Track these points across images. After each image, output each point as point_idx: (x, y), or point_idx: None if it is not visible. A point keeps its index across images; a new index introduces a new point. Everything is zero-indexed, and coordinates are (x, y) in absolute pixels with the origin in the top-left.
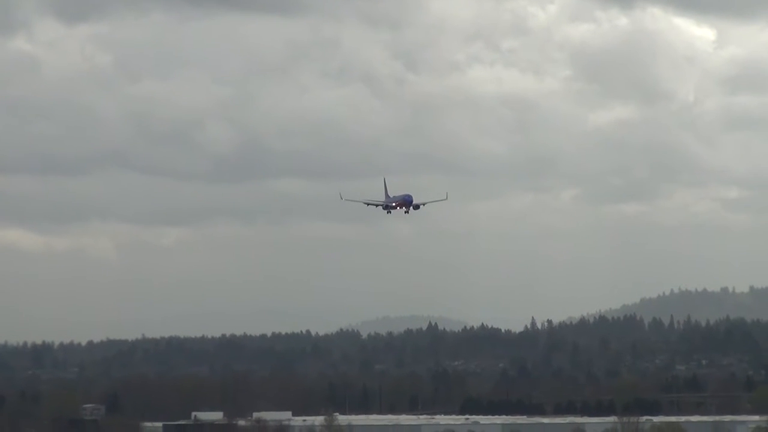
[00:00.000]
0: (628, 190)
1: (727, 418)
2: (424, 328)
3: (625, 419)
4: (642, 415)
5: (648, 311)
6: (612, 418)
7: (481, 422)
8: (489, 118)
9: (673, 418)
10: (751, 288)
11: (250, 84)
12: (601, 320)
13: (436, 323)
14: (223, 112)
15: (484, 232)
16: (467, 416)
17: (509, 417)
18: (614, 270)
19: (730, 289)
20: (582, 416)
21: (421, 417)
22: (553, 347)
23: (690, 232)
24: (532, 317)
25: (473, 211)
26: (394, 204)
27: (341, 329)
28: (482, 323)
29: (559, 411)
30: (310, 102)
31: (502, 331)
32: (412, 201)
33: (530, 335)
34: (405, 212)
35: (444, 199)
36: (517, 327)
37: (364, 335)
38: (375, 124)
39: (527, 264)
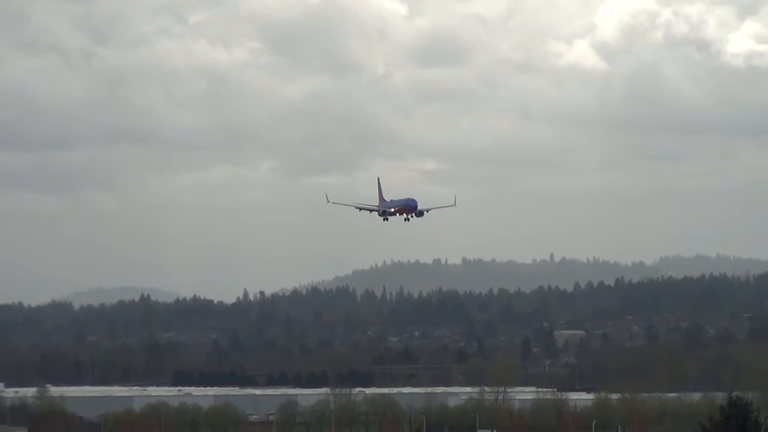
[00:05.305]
0: (328, 162)
1: (439, 389)
2: (137, 299)
3: (337, 390)
4: (354, 386)
5: (360, 283)
6: (324, 390)
7: (194, 394)
8: (182, 91)
9: (385, 390)
10: (464, 259)
11: None
12: (314, 291)
13: (148, 295)
14: None
15: (188, 204)
16: (179, 388)
17: (221, 389)
18: (325, 242)
19: (443, 261)
20: (294, 388)
21: (133, 389)
22: (266, 318)
23: None
24: (245, 288)
25: (174, 183)
26: (393, 210)
27: (53, 300)
28: (195, 294)
29: (271, 382)
30: (3, 74)
31: (215, 302)
32: (416, 206)
33: (243, 306)
34: (405, 219)
35: (452, 205)
36: (229, 298)
37: (77, 306)
38: (69, 96)
39: (235, 236)
